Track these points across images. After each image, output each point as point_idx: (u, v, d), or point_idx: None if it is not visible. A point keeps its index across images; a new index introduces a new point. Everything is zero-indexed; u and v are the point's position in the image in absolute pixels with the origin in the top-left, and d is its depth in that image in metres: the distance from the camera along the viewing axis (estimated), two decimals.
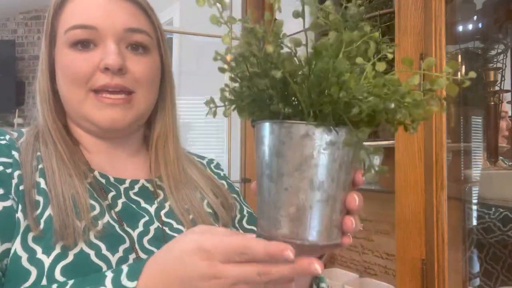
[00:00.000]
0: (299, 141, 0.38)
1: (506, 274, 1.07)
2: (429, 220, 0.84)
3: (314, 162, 0.38)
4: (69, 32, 0.59)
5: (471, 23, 1.19)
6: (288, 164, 0.39)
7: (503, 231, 1.05)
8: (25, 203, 0.53)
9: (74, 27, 0.59)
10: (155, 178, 0.66)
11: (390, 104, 0.36)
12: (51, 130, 0.61)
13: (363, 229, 1.32)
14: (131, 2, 0.62)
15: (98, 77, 0.58)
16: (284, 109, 0.38)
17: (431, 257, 0.83)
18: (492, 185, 1.02)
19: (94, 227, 0.54)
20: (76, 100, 0.60)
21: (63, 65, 0.60)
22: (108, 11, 0.59)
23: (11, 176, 0.55)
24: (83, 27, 0.59)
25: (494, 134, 1.10)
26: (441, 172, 0.82)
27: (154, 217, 0.61)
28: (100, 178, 0.62)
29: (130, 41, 0.61)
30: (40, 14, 4.58)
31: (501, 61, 1.11)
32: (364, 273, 1.31)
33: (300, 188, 0.39)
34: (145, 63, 0.62)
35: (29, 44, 4.61)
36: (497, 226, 1.05)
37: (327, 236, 0.40)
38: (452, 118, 1.09)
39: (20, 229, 0.52)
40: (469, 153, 1.13)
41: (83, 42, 0.59)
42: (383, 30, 1.09)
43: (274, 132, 0.39)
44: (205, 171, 0.72)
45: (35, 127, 0.63)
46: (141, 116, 0.63)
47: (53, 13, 0.62)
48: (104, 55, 0.58)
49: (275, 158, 0.39)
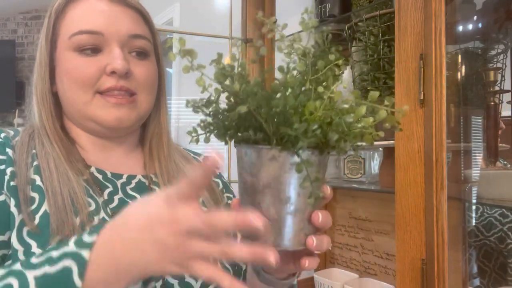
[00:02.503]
0: (267, 163, 0.44)
1: None
2: (429, 220, 0.84)
3: (281, 180, 0.44)
4: (75, 37, 0.61)
5: (471, 23, 1.19)
6: (259, 182, 0.45)
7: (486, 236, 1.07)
8: (19, 198, 0.54)
9: (80, 32, 0.61)
10: (150, 174, 0.68)
11: (334, 135, 0.42)
12: (48, 131, 0.63)
13: (363, 229, 1.32)
14: (133, 9, 0.65)
15: (104, 80, 0.61)
16: (254, 135, 0.44)
17: (431, 257, 0.83)
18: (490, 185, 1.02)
19: (90, 223, 0.55)
20: (82, 101, 0.62)
21: (68, 69, 0.62)
22: (112, 17, 0.62)
23: (4, 172, 0.56)
24: (89, 32, 0.61)
25: (494, 134, 1.10)
26: (441, 172, 0.82)
27: None
28: (97, 173, 0.63)
29: (133, 46, 0.64)
30: (40, 14, 4.58)
31: (501, 61, 1.11)
32: (364, 273, 1.31)
33: (271, 203, 0.45)
34: (146, 67, 0.65)
35: (29, 44, 4.61)
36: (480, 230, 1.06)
37: (297, 242, 0.46)
38: (452, 118, 1.09)
39: (15, 223, 0.53)
40: (469, 153, 1.13)
41: (89, 47, 0.61)
42: (383, 30, 1.09)
43: (247, 154, 0.46)
44: None
45: (30, 127, 0.65)
46: (143, 116, 0.66)
47: (55, 17, 0.63)
48: (111, 60, 0.61)
49: (249, 177, 0.45)
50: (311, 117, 0.42)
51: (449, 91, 0.86)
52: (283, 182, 0.44)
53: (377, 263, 1.28)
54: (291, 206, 0.45)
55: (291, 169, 0.43)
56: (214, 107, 0.46)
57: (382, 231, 1.26)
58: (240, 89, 0.42)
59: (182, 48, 0.43)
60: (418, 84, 0.85)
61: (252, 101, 0.42)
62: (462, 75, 1.17)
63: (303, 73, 0.45)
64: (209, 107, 0.45)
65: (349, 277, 1.28)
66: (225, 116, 0.45)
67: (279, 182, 0.44)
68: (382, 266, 1.26)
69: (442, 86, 0.82)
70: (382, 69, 1.09)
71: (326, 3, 1.33)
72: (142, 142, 0.72)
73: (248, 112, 0.42)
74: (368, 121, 0.43)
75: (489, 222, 1.08)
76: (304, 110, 0.42)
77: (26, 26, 4.64)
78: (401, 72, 0.89)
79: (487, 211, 1.09)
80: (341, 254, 1.41)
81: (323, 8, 1.34)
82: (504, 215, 1.07)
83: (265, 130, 0.43)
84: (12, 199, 0.54)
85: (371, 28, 1.11)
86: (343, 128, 0.42)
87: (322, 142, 0.44)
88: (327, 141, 0.43)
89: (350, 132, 0.43)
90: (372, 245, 1.29)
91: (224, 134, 0.47)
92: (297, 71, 0.45)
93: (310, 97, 0.43)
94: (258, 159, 0.44)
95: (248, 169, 0.46)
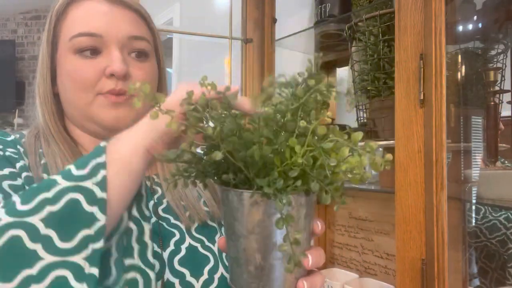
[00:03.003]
0: (250, 207, 0.41)
1: None
2: (429, 220, 0.84)
3: (265, 225, 0.41)
4: (75, 39, 0.61)
5: (471, 23, 1.19)
6: (243, 227, 0.42)
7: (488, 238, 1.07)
8: None
9: (79, 34, 0.61)
10: (152, 175, 0.68)
11: (316, 186, 0.39)
12: (52, 132, 0.63)
13: (363, 229, 1.32)
14: (132, 11, 0.65)
15: (104, 83, 0.61)
16: (234, 178, 0.41)
17: (431, 257, 0.83)
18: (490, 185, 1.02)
19: None
20: (83, 103, 0.62)
21: (68, 70, 0.62)
22: (112, 19, 0.62)
23: (17, 160, 0.58)
24: (89, 34, 0.61)
25: (494, 134, 1.10)
26: (441, 172, 0.82)
27: (152, 213, 0.62)
28: None
29: (132, 48, 0.64)
30: (40, 14, 4.58)
31: (501, 61, 1.11)
32: (364, 273, 1.31)
33: (256, 249, 0.41)
34: (145, 69, 0.65)
35: (29, 44, 4.61)
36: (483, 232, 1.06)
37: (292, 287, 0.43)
38: (452, 118, 1.09)
39: None
40: (469, 153, 1.13)
41: (88, 49, 0.61)
42: (383, 30, 1.09)
43: (228, 197, 0.42)
44: None
45: (35, 128, 0.66)
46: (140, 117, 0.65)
47: (55, 19, 0.63)
48: (110, 62, 0.61)
49: (233, 221, 0.42)
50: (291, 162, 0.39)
51: (449, 91, 0.86)
52: (268, 226, 0.41)
53: (377, 263, 1.28)
54: (278, 253, 0.42)
55: (275, 213, 0.40)
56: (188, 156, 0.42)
57: (382, 231, 1.26)
58: (214, 133, 0.39)
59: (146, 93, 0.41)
60: (418, 84, 0.85)
61: (228, 146, 0.39)
62: (462, 75, 1.17)
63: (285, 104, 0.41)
64: (182, 158, 0.42)
65: (349, 277, 1.28)
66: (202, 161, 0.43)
67: (263, 227, 0.41)
68: (382, 266, 1.26)
69: (442, 86, 0.82)
70: (382, 69, 1.09)
71: (326, 3, 1.33)
72: None
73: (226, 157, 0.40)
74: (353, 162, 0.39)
75: (493, 225, 1.08)
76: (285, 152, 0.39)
77: (26, 26, 4.63)
78: (401, 72, 0.89)
79: (492, 214, 1.09)
80: (341, 254, 1.41)
81: (323, 8, 1.34)
82: (509, 220, 1.07)
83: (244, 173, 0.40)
84: None
85: (371, 28, 1.11)
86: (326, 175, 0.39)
87: None
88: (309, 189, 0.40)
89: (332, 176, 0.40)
90: (372, 245, 1.29)
91: (203, 179, 0.44)
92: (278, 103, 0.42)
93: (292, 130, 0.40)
94: (240, 203, 0.41)
95: (231, 213, 0.43)
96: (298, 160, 0.39)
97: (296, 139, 0.39)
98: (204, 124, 0.41)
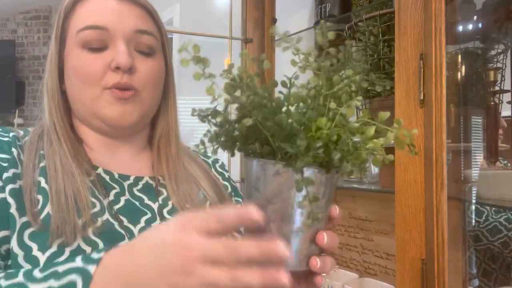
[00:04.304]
0: (271, 178, 0.42)
1: None
2: (429, 220, 0.84)
3: (284, 197, 0.42)
4: (81, 33, 0.61)
5: (471, 23, 1.19)
6: (264, 198, 0.43)
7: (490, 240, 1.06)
8: (23, 200, 0.54)
9: (85, 27, 0.61)
10: (158, 176, 0.68)
11: (337, 154, 0.41)
12: (57, 128, 0.63)
13: (363, 229, 1.32)
14: (140, 6, 0.65)
15: (110, 76, 0.61)
16: (261, 149, 0.43)
17: (431, 257, 0.83)
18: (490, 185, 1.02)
19: (93, 224, 0.55)
20: (89, 98, 0.62)
21: (75, 65, 0.62)
22: (119, 13, 0.62)
23: (5, 169, 0.56)
24: (94, 27, 0.61)
25: (494, 134, 1.10)
26: (441, 172, 0.82)
27: (157, 214, 0.62)
28: (104, 174, 0.63)
29: (138, 42, 0.63)
30: (40, 14, 4.58)
31: (501, 61, 1.11)
32: (364, 273, 1.31)
33: (271, 220, 0.42)
34: (151, 65, 0.64)
35: (29, 44, 4.60)
36: None
37: (301, 262, 0.44)
38: (452, 118, 1.09)
39: (16, 227, 0.53)
40: (469, 153, 1.13)
41: (94, 42, 0.61)
42: (383, 30, 1.09)
43: (252, 168, 0.44)
44: (207, 169, 0.73)
45: (40, 127, 0.65)
46: (145, 114, 0.66)
47: (64, 16, 0.64)
48: (116, 55, 0.61)
49: (254, 192, 0.44)
50: (316, 134, 0.41)
51: (449, 91, 0.86)
52: (286, 199, 0.42)
53: (377, 263, 1.28)
54: (294, 225, 0.43)
55: (294, 186, 0.41)
56: (222, 118, 0.44)
57: (382, 231, 1.26)
58: (247, 101, 0.41)
59: (195, 55, 0.42)
60: (418, 84, 0.85)
61: (258, 114, 0.40)
62: (462, 75, 1.17)
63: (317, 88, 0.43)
64: (216, 117, 0.44)
65: (349, 277, 1.28)
66: (233, 127, 0.44)
67: (282, 199, 0.42)
68: (382, 266, 1.26)
69: (442, 86, 0.82)
70: (382, 69, 1.10)
71: (326, 3, 1.33)
72: (151, 143, 0.72)
73: (255, 125, 0.41)
74: (377, 143, 0.41)
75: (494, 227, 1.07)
76: (311, 126, 0.41)
77: (26, 26, 4.63)
78: (401, 72, 0.89)
79: (493, 216, 1.08)
80: (341, 254, 1.41)
81: (323, 8, 1.34)
82: (509, 221, 1.07)
83: (271, 144, 0.42)
84: (14, 202, 0.53)
85: (371, 28, 1.11)
86: (348, 147, 0.41)
87: (326, 161, 0.42)
88: (331, 160, 0.41)
89: (355, 152, 0.41)
90: (372, 245, 1.29)
91: (232, 146, 0.45)
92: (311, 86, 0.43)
93: (322, 113, 0.41)
94: (263, 173, 0.42)
95: (253, 183, 0.44)
96: (325, 131, 0.40)
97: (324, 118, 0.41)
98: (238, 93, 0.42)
